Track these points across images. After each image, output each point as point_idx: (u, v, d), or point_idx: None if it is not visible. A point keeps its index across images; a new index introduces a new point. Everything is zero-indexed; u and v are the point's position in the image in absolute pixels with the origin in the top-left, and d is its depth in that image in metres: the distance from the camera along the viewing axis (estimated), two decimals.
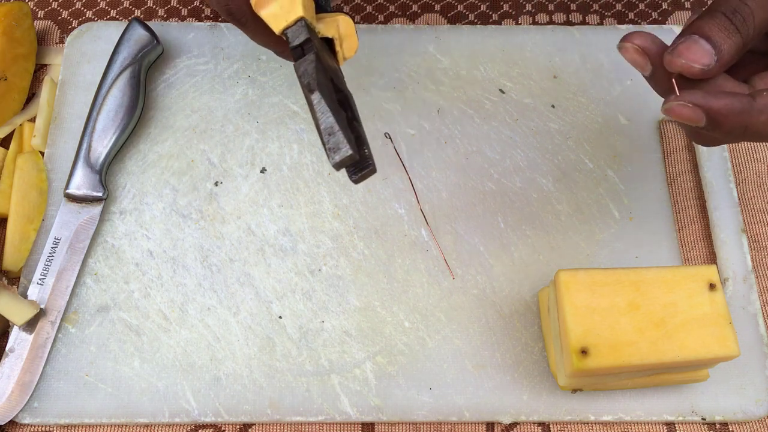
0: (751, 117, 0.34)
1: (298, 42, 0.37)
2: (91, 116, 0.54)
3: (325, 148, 0.34)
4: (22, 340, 0.49)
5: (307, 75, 0.35)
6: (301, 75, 0.36)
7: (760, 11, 0.35)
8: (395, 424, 0.48)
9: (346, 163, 0.34)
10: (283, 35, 0.37)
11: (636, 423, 0.48)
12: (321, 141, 0.34)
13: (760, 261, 0.53)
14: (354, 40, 0.40)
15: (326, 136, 0.34)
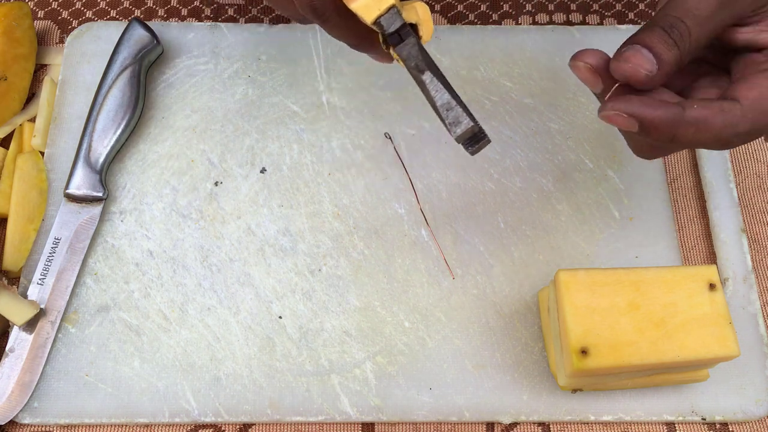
0: (680, 128, 0.36)
1: (395, 28, 0.38)
2: (91, 116, 0.54)
3: (445, 124, 0.36)
4: (22, 340, 0.49)
5: (412, 57, 0.37)
6: (407, 58, 0.37)
7: (696, 28, 0.37)
8: (395, 424, 0.48)
9: (467, 135, 0.36)
10: (374, 25, 0.38)
11: (636, 423, 0.48)
12: (439, 117, 0.36)
13: (760, 261, 0.53)
14: (431, 25, 0.41)
15: (444, 111, 0.36)
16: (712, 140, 0.36)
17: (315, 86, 0.57)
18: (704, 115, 0.36)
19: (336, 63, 0.58)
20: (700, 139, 0.36)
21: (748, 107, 0.36)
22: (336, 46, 0.59)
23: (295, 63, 0.58)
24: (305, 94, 0.57)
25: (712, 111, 0.36)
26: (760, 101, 0.36)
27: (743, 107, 0.36)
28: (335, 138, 0.56)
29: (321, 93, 0.57)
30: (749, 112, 0.36)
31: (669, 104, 0.36)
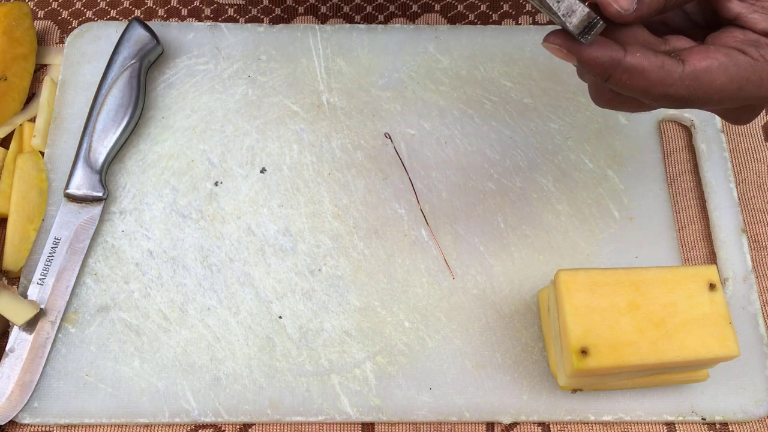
0: (616, 70, 0.35)
1: None
2: (91, 116, 0.54)
3: (558, 16, 0.34)
4: (22, 340, 0.49)
5: None
6: None
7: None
8: (395, 424, 0.48)
9: (584, 24, 0.34)
10: None
11: (636, 423, 0.48)
12: (549, 13, 0.35)
13: (760, 261, 0.53)
14: None
15: (555, 3, 0.34)
16: (643, 92, 0.36)
17: (315, 86, 0.57)
18: (642, 64, 0.35)
19: (336, 63, 0.58)
20: (633, 86, 0.36)
21: (689, 73, 0.36)
22: (336, 46, 0.59)
23: (295, 63, 0.58)
24: (305, 94, 0.57)
25: (650, 63, 0.35)
26: (704, 73, 0.36)
27: (684, 71, 0.36)
28: (335, 138, 0.56)
29: (321, 93, 0.57)
30: (688, 79, 0.36)
31: (612, 45, 0.36)
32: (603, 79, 0.36)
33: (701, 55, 0.36)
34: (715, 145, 0.56)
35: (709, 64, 0.36)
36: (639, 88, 0.36)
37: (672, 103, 0.37)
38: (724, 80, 0.36)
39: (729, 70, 0.36)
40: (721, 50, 0.36)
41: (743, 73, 0.36)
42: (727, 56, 0.36)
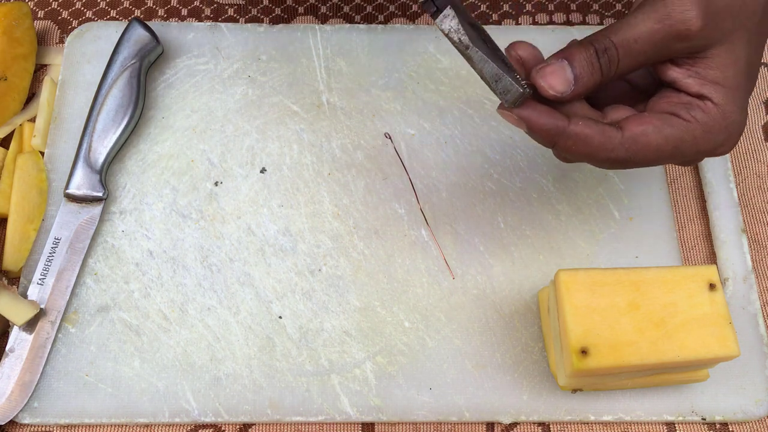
0: (561, 138, 0.39)
1: None
2: (91, 116, 0.54)
3: (496, 92, 0.38)
4: (22, 340, 0.49)
5: (454, 32, 0.38)
6: (449, 32, 0.38)
7: (626, 60, 0.39)
8: (395, 424, 0.48)
9: (517, 102, 0.38)
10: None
11: (636, 423, 0.48)
12: (488, 86, 0.38)
13: (760, 261, 0.53)
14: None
15: (494, 83, 0.38)
16: (587, 157, 0.40)
17: (315, 86, 0.57)
18: (585, 133, 0.39)
19: (336, 63, 0.58)
20: (578, 152, 0.39)
21: (628, 138, 0.39)
22: (336, 46, 0.59)
23: (295, 63, 0.58)
24: (305, 94, 0.57)
25: (592, 130, 0.39)
26: (641, 136, 0.39)
27: (623, 136, 0.39)
28: (335, 138, 0.56)
29: (321, 93, 0.57)
30: (627, 143, 0.39)
31: (557, 115, 0.39)
32: (550, 145, 0.40)
33: (638, 121, 0.39)
34: None
35: (645, 129, 0.39)
36: (583, 154, 0.39)
37: (615, 165, 0.40)
38: (660, 141, 0.39)
39: (664, 132, 0.39)
40: (656, 116, 0.40)
41: (677, 134, 0.39)
42: (661, 120, 0.39)
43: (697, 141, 0.40)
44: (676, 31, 0.38)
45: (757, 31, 0.40)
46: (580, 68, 0.39)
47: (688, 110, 0.40)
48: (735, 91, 0.40)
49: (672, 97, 0.41)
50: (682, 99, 0.40)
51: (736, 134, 0.41)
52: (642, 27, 0.38)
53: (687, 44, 0.39)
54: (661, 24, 0.38)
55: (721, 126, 0.40)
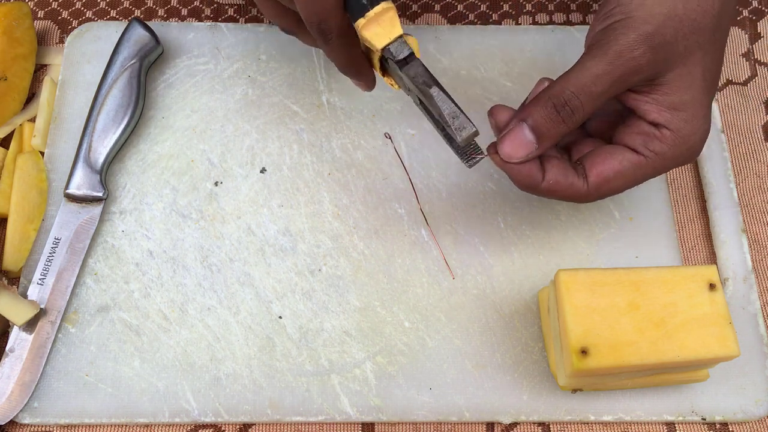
0: (537, 190, 0.43)
1: (403, 56, 0.43)
2: (91, 116, 0.54)
3: (452, 129, 0.41)
4: (22, 340, 0.49)
5: (420, 75, 0.43)
6: (414, 76, 0.43)
7: (589, 104, 0.41)
8: (395, 424, 0.48)
9: (470, 139, 0.41)
10: (383, 51, 0.43)
11: (636, 423, 0.48)
12: (445, 125, 0.41)
13: (760, 261, 0.53)
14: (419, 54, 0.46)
15: (451, 119, 0.41)
16: (559, 198, 0.44)
17: (315, 86, 0.57)
18: (555, 189, 0.43)
19: None
20: (552, 198, 0.44)
21: (593, 187, 0.43)
22: None
23: (295, 63, 0.58)
24: (305, 94, 0.57)
25: (561, 186, 0.43)
26: (604, 183, 0.43)
27: (589, 188, 0.43)
28: (335, 138, 0.56)
29: (321, 93, 0.57)
30: (593, 190, 0.43)
31: (534, 173, 0.42)
32: (530, 192, 0.44)
33: (599, 167, 0.43)
34: (715, 145, 0.56)
35: (606, 175, 0.43)
36: (557, 199, 0.44)
37: (588, 202, 0.44)
38: (621, 183, 0.43)
39: (625, 174, 0.43)
40: (616, 156, 0.43)
41: (638, 171, 0.43)
42: (620, 162, 0.43)
43: (658, 169, 0.43)
44: (628, 69, 0.40)
45: (713, 43, 0.42)
46: (542, 126, 0.42)
47: (646, 144, 0.42)
48: (694, 109, 0.42)
49: (634, 126, 0.43)
50: (642, 128, 0.43)
51: (698, 146, 0.43)
52: (596, 69, 0.41)
53: (642, 76, 0.41)
54: (613, 65, 0.40)
55: (680, 151, 0.43)
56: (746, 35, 0.62)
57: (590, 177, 0.43)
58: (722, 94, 0.60)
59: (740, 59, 0.61)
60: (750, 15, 0.63)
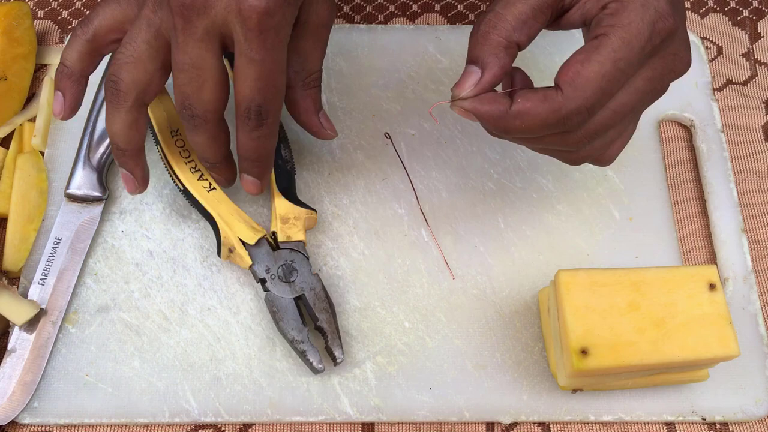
0: (508, 121, 0.38)
1: (259, 279, 0.48)
2: (91, 116, 0.54)
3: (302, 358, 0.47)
4: (23, 340, 0.48)
5: (269, 303, 0.48)
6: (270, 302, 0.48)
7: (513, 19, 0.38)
8: (395, 424, 0.48)
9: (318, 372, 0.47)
10: (249, 269, 0.49)
11: (636, 423, 0.48)
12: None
13: (760, 261, 0.53)
14: (314, 223, 0.52)
15: (302, 357, 0.47)
16: (541, 127, 0.38)
17: None
18: (527, 107, 0.37)
19: (336, 63, 0.58)
20: (530, 127, 0.38)
21: (567, 89, 0.37)
22: (336, 46, 0.59)
23: None
24: None
25: (534, 102, 0.37)
26: (575, 80, 0.37)
27: (564, 91, 0.37)
28: (335, 138, 0.56)
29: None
30: (569, 93, 0.37)
31: (499, 99, 0.38)
32: (503, 131, 0.39)
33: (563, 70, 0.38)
34: (715, 145, 0.56)
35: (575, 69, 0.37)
36: (537, 127, 0.38)
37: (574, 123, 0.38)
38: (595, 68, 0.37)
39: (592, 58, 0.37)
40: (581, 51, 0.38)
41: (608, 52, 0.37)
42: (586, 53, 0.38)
43: (632, 42, 0.37)
44: None
45: None
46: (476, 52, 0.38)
47: (600, 25, 0.38)
48: None
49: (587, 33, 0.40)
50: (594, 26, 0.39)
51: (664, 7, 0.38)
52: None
53: None
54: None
55: (637, 11, 0.37)
56: (746, 35, 0.62)
57: (561, 81, 0.38)
58: (722, 94, 0.60)
59: (740, 59, 0.61)
60: (750, 15, 0.63)
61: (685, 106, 0.57)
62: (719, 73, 0.61)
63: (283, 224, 0.49)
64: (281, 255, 0.49)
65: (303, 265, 0.48)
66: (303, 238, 0.49)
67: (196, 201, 0.49)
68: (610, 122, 0.39)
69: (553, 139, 0.40)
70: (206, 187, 0.50)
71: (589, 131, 0.39)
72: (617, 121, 0.40)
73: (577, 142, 0.40)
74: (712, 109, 0.57)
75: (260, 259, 0.48)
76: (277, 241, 0.49)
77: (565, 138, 0.40)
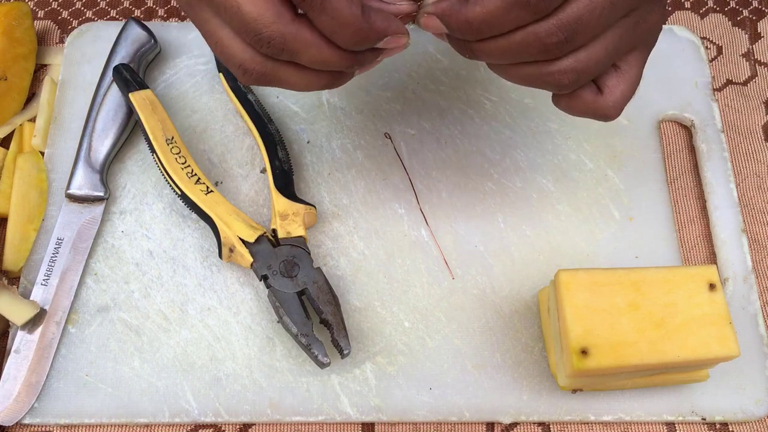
0: (469, 12, 0.35)
1: (261, 275, 0.48)
2: (91, 116, 0.54)
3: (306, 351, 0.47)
4: (27, 340, 0.48)
5: (272, 299, 0.48)
6: (273, 297, 0.48)
7: None
8: (395, 424, 0.48)
9: (324, 366, 0.46)
10: (251, 267, 0.49)
11: (636, 423, 0.48)
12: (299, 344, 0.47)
13: (760, 261, 0.53)
14: (314, 219, 0.52)
15: (307, 351, 0.46)
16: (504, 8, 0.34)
17: None
18: None
19: None
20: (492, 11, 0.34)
21: None
22: None
23: None
24: (305, 94, 0.57)
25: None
26: None
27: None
28: (335, 138, 0.56)
29: (321, 93, 0.57)
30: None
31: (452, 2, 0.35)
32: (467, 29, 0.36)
33: None
34: (715, 145, 0.56)
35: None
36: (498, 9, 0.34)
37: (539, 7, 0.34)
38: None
39: None
40: None
41: None
42: None
43: None
44: None
45: None
46: None
47: None
48: None
49: None
50: None
51: None
52: None
53: None
54: None
55: None
56: (746, 35, 0.62)
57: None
58: (722, 94, 0.60)
59: (740, 59, 0.61)
60: (750, 15, 0.63)
61: (685, 106, 0.57)
62: (719, 73, 0.61)
63: (283, 221, 0.49)
64: (282, 251, 0.49)
65: (305, 260, 0.48)
66: (303, 233, 0.49)
67: (195, 204, 0.50)
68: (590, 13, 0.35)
69: (524, 36, 0.35)
70: (203, 191, 0.50)
71: (563, 21, 0.35)
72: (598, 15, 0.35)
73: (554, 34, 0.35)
74: (712, 109, 0.57)
75: (261, 257, 0.48)
76: (278, 238, 0.49)
77: (537, 31, 0.35)
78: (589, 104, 0.39)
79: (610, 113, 0.40)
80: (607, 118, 0.40)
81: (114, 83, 0.54)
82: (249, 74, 0.37)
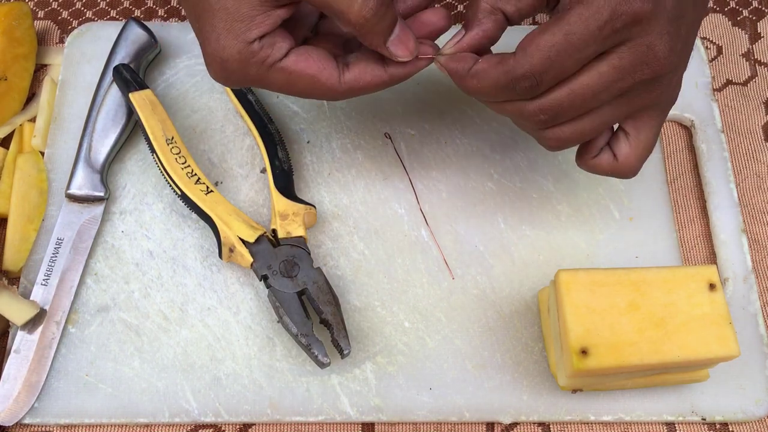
0: (467, 80, 0.41)
1: (261, 275, 0.48)
2: (91, 116, 0.54)
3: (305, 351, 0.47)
4: (27, 340, 0.48)
5: (272, 298, 0.48)
6: (273, 297, 0.48)
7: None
8: (395, 424, 0.48)
9: (324, 366, 0.46)
10: (251, 267, 0.49)
11: (636, 423, 0.48)
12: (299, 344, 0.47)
13: (760, 261, 0.53)
14: (314, 219, 0.52)
15: (307, 351, 0.46)
16: (493, 87, 0.40)
17: None
18: (483, 67, 0.40)
19: None
20: (484, 87, 0.40)
21: (519, 53, 0.39)
22: None
23: None
24: None
25: (490, 64, 0.40)
26: (527, 47, 0.38)
27: (516, 56, 0.39)
28: (335, 138, 0.56)
29: None
30: (519, 57, 0.39)
31: (466, 59, 0.41)
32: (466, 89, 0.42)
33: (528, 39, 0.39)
34: (715, 145, 0.56)
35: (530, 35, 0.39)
36: (489, 87, 0.40)
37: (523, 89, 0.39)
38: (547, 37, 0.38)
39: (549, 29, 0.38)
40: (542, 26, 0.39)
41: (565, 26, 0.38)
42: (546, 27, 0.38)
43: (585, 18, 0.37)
44: None
45: None
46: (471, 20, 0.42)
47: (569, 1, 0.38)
48: None
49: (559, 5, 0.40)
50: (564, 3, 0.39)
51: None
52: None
53: None
54: None
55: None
56: (746, 35, 0.62)
57: (517, 47, 0.39)
58: (722, 94, 0.60)
59: (740, 59, 0.61)
60: (750, 15, 0.63)
61: (685, 106, 0.57)
62: (719, 73, 0.61)
63: (282, 221, 0.49)
64: (282, 251, 0.49)
65: (304, 260, 0.48)
66: (303, 233, 0.49)
67: (195, 204, 0.50)
68: (572, 102, 0.39)
69: (511, 108, 0.41)
70: (203, 191, 0.50)
71: (545, 106, 0.40)
72: (580, 103, 0.40)
73: (536, 115, 0.40)
74: (712, 109, 0.57)
75: (261, 257, 0.48)
76: (278, 238, 0.49)
77: (522, 108, 0.40)
78: (607, 170, 0.44)
79: (628, 175, 0.44)
80: (626, 177, 0.45)
81: (114, 83, 0.54)
82: None
